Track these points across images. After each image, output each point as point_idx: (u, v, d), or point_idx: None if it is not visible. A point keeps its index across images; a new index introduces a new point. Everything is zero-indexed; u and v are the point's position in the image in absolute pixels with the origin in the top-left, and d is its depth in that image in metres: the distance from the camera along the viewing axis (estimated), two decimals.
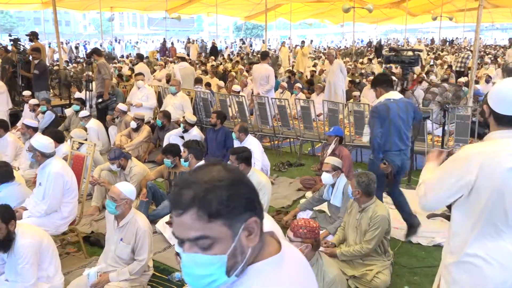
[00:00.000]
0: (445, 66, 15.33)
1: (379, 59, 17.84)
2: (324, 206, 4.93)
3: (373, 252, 3.73)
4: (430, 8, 25.47)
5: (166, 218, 4.69)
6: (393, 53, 5.18)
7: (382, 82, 4.41)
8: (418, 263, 4.09)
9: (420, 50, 5.72)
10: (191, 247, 1.02)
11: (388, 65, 12.48)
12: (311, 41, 32.09)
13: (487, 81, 11.08)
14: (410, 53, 5.43)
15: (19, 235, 3.09)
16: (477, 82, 10.47)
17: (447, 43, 33.05)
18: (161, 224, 4.67)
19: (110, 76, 8.49)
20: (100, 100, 8.30)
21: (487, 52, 22.78)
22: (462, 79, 10.84)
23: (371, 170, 4.18)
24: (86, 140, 5.53)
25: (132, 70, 12.86)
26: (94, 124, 7.44)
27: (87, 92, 8.75)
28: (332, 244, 4.03)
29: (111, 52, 20.63)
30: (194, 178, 1.03)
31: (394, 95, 4.31)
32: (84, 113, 7.49)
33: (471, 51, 15.54)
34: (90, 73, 8.89)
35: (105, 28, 28.52)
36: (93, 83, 8.76)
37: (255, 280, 1.04)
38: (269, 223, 2.32)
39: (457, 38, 36.46)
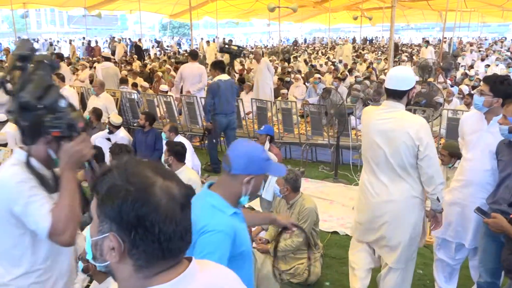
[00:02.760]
0: (367, 64, 16.08)
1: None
2: (256, 203, 5.00)
3: (304, 245, 3.82)
4: (351, 5, 26.59)
5: None
6: (226, 45, 6.63)
7: (217, 67, 6.32)
8: (347, 253, 4.22)
9: (244, 48, 7.11)
10: None
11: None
12: (222, 39, 32.25)
13: None
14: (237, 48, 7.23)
15: None
16: None
17: (367, 42, 34.70)
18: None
19: None
20: None
21: (403, 50, 24.19)
22: (384, 76, 11.43)
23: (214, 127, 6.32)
24: (5, 145, 5.16)
25: None
26: (11, 128, 6.93)
27: None
28: (266, 240, 4.09)
29: None
30: (113, 163, 1.05)
31: (224, 77, 6.26)
32: (1, 117, 6.95)
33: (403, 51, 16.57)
34: None
35: (20, 26, 26.79)
36: None
37: None
38: None
39: (376, 37, 38.39)
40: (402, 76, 2.84)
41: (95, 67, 12.25)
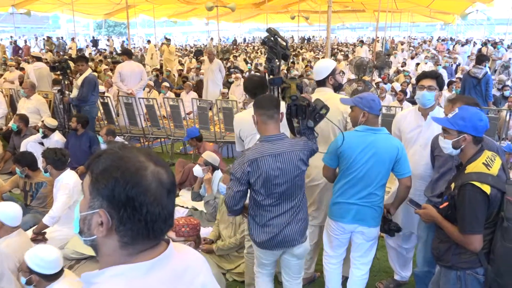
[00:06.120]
0: (305, 62, 16.42)
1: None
2: (200, 204, 4.96)
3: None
4: (288, 5, 26.98)
5: (28, 233, 4.26)
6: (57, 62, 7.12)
7: (84, 61, 6.88)
8: None
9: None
10: None
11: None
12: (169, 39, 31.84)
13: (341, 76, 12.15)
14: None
15: None
16: None
17: (305, 41, 35.42)
18: None
19: None
20: None
21: (340, 49, 24.93)
22: None
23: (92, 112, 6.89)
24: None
25: None
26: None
27: None
28: (210, 240, 4.07)
29: None
30: (108, 147, 1.11)
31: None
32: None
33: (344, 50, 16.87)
34: None
35: None
36: None
37: (103, 284, 1.04)
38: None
39: (314, 36, 39.28)
40: (316, 69, 3.52)
41: (23, 68, 11.63)
